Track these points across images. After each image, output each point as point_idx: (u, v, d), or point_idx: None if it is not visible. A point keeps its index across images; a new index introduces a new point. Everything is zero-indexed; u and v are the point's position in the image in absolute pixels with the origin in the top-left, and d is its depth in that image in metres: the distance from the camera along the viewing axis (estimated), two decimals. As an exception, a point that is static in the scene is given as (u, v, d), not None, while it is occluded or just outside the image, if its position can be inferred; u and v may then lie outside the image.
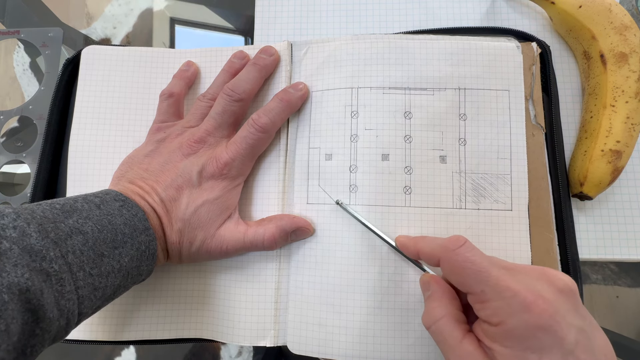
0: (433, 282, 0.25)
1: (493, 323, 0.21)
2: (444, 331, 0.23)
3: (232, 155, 0.29)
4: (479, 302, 0.22)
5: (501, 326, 0.21)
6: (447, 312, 0.23)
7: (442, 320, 0.23)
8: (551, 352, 0.20)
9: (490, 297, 0.21)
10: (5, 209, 0.21)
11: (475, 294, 0.22)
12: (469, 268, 0.22)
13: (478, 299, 0.22)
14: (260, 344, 0.30)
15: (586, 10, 0.34)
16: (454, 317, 0.23)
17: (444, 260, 0.24)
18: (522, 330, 0.20)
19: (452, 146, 0.31)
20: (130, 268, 0.26)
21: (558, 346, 0.20)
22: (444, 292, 0.25)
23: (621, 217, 0.34)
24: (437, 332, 0.23)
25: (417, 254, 0.27)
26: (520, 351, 0.20)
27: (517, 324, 0.20)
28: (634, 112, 0.32)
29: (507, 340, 0.21)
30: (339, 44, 0.33)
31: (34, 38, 0.44)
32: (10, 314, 0.18)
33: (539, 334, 0.20)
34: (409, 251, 0.27)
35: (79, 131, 0.35)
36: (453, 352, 0.22)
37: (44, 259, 0.21)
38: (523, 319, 0.20)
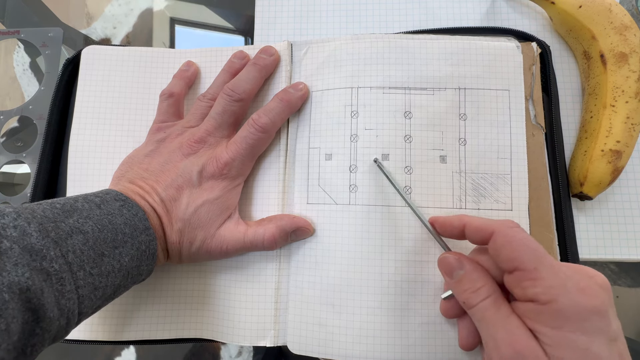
0: (467, 261, 0.25)
1: (541, 301, 0.21)
2: (489, 309, 0.23)
3: (232, 155, 0.29)
4: (529, 279, 0.21)
5: (551, 305, 0.21)
6: (494, 290, 0.23)
7: (490, 298, 0.23)
8: (600, 335, 0.20)
9: (544, 275, 0.21)
10: (6, 208, 0.21)
11: (527, 271, 0.22)
12: (526, 245, 0.22)
13: (529, 276, 0.21)
14: (260, 344, 0.30)
15: (586, 10, 0.34)
16: (500, 295, 0.23)
17: (499, 233, 0.23)
18: (575, 310, 0.20)
19: (452, 146, 0.31)
20: (131, 268, 0.26)
21: (605, 332, 0.20)
22: (484, 271, 0.24)
23: (621, 217, 0.34)
24: (482, 309, 0.23)
25: (462, 226, 0.25)
26: (570, 332, 0.20)
27: (570, 304, 0.20)
28: (634, 112, 0.32)
29: (556, 320, 0.21)
30: (339, 44, 0.33)
31: (34, 38, 0.44)
32: (10, 313, 0.18)
33: (592, 316, 0.20)
34: (452, 224, 0.26)
35: (79, 131, 0.35)
36: (501, 327, 0.22)
37: (45, 259, 0.21)
38: (577, 300, 0.20)
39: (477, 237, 0.24)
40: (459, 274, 0.25)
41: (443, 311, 0.28)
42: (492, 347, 0.22)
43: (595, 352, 0.20)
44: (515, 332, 0.21)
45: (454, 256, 0.25)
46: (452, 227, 0.26)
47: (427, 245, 0.29)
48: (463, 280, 0.24)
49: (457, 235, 0.26)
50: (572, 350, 0.20)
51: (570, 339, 0.20)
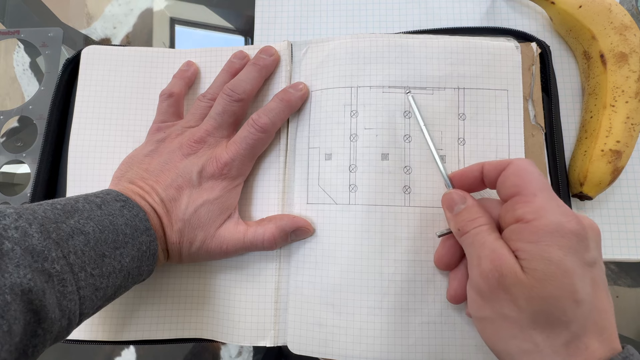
0: (469, 197, 0.26)
1: (526, 219, 0.22)
2: (481, 233, 0.24)
3: (232, 155, 0.29)
4: (523, 202, 0.23)
5: (534, 222, 0.22)
6: (490, 221, 0.25)
7: (484, 226, 0.24)
8: (575, 255, 0.21)
9: (539, 200, 0.22)
10: (7, 209, 0.21)
11: (526, 195, 0.23)
12: (534, 176, 0.23)
13: (525, 199, 0.23)
14: (260, 344, 0.30)
15: (586, 10, 0.34)
16: (495, 226, 0.25)
17: (514, 163, 0.24)
18: (555, 227, 0.21)
19: (451, 146, 0.31)
20: (131, 268, 0.26)
21: (581, 254, 0.21)
22: (482, 208, 0.25)
23: (621, 217, 0.34)
24: (473, 234, 0.24)
25: (480, 169, 0.26)
26: (546, 245, 0.21)
27: (551, 221, 0.21)
28: (634, 112, 0.32)
29: (535, 234, 0.22)
30: (339, 43, 0.33)
31: (34, 38, 0.44)
32: (12, 314, 0.19)
33: (570, 236, 0.21)
34: (472, 169, 0.27)
35: (79, 131, 0.35)
36: (487, 246, 0.23)
37: (46, 260, 0.21)
38: (559, 220, 0.21)
39: (494, 173, 0.25)
40: (460, 208, 0.26)
41: (436, 259, 0.28)
42: (475, 265, 0.24)
43: (567, 266, 0.21)
44: (498, 251, 0.23)
45: (458, 192, 0.27)
46: (471, 172, 0.27)
47: (427, 245, 0.29)
48: (462, 212, 0.26)
49: (476, 183, 0.27)
50: (545, 262, 0.21)
51: (546, 251, 0.21)
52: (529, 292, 0.21)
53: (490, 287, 0.22)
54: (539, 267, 0.21)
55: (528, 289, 0.21)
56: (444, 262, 0.28)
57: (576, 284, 0.21)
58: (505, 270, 0.22)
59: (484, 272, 0.23)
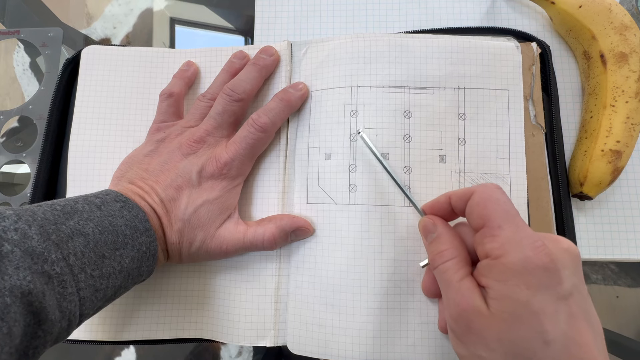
0: (440, 224, 0.26)
1: (494, 256, 0.22)
2: (449, 270, 0.24)
3: (231, 155, 0.29)
4: (490, 236, 0.22)
5: (501, 259, 0.21)
6: (457, 254, 0.24)
7: (452, 261, 0.24)
8: (544, 291, 0.20)
9: (505, 233, 0.22)
10: (6, 211, 0.21)
11: (491, 228, 0.22)
12: (498, 204, 0.23)
13: (491, 232, 0.22)
14: (260, 344, 0.30)
15: (586, 10, 0.34)
16: (463, 259, 0.24)
17: (477, 192, 0.24)
18: (522, 264, 0.21)
19: (451, 146, 0.31)
20: (131, 269, 0.26)
21: (553, 289, 0.20)
22: (453, 235, 0.25)
23: (621, 217, 0.34)
24: (442, 271, 0.24)
25: (448, 199, 0.26)
26: (514, 285, 0.21)
27: (518, 258, 0.21)
28: (634, 112, 0.32)
29: (503, 274, 0.21)
30: (339, 43, 0.33)
31: (34, 38, 0.44)
32: (12, 316, 0.19)
33: (537, 271, 0.20)
34: (439, 201, 0.27)
35: (79, 131, 0.35)
36: (453, 288, 0.23)
37: (46, 261, 0.21)
38: (526, 255, 0.21)
39: (461, 204, 0.25)
40: (432, 237, 0.26)
41: (424, 288, 0.28)
42: (445, 305, 0.24)
43: (535, 306, 0.20)
44: (465, 293, 0.22)
45: (430, 220, 0.26)
46: (440, 204, 0.27)
47: (426, 245, 0.29)
48: (433, 243, 0.25)
49: (447, 212, 0.27)
50: (512, 302, 0.20)
51: (513, 291, 0.21)
52: (498, 334, 0.21)
53: (462, 329, 0.22)
54: (507, 309, 0.21)
55: (497, 331, 0.21)
56: (431, 291, 0.28)
57: (545, 324, 0.20)
58: (471, 314, 0.21)
59: (453, 314, 0.23)
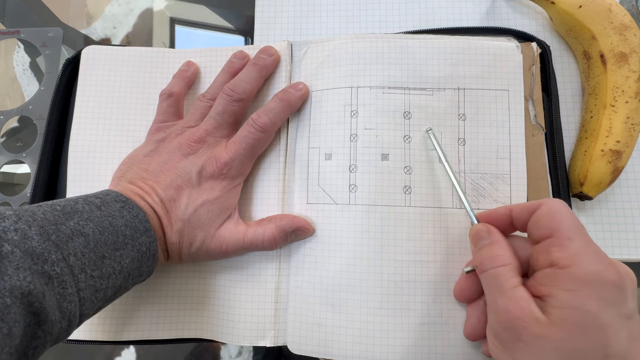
0: (495, 231, 0.25)
1: (561, 265, 0.21)
2: (501, 275, 0.23)
3: (231, 155, 0.29)
4: (559, 246, 0.22)
5: (570, 269, 0.21)
6: (512, 261, 0.24)
7: (506, 267, 0.23)
8: (612, 307, 0.20)
9: (575, 245, 0.21)
10: (6, 211, 0.21)
11: (561, 239, 0.22)
12: (569, 218, 0.22)
13: (560, 242, 0.22)
14: (260, 344, 0.30)
15: (586, 10, 0.34)
16: (516, 267, 0.24)
17: (547, 204, 0.23)
18: (593, 277, 0.20)
19: (451, 146, 0.31)
20: (131, 269, 0.26)
21: (619, 306, 0.20)
22: (507, 244, 0.25)
23: (621, 217, 0.34)
24: (493, 276, 0.23)
25: (509, 211, 0.26)
26: (584, 296, 0.20)
27: (590, 270, 0.20)
28: (634, 112, 0.32)
29: (572, 283, 0.21)
30: (339, 44, 0.33)
31: (34, 38, 0.44)
32: (12, 317, 0.19)
33: (608, 286, 0.20)
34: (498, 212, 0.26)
35: (79, 131, 0.35)
36: (505, 294, 0.22)
37: (46, 262, 0.21)
38: (597, 269, 0.20)
39: (524, 215, 0.25)
40: (483, 242, 0.25)
41: (457, 291, 0.28)
42: (492, 311, 0.23)
43: (603, 320, 0.20)
44: (518, 301, 0.22)
45: (484, 226, 0.26)
46: (498, 215, 0.26)
47: (427, 245, 0.29)
48: (486, 248, 0.25)
49: (504, 224, 0.26)
50: (580, 313, 0.20)
51: (582, 302, 0.20)
52: (556, 344, 0.20)
53: (511, 337, 0.22)
54: (572, 318, 0.20)
55: (556, 340, 0.20)
56: (465, 295, 0.27)
57: (610, 338, 0.20)
58: (526, 322, 0.21)
59: (502, 321, 0.22)
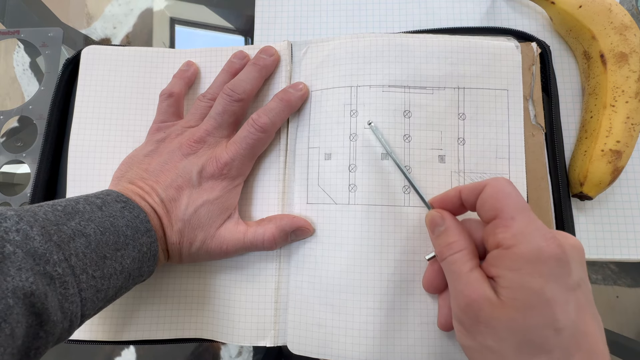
0: (448, 217, 0.26)
1: (505, 245, 0.22)
2: (457, 261, 0.24)
3: (232, 155, 0.29)
4: (502, 227, 0.22)
5: (514, 248, 0.22)
6: (466, 245, 0.24)
7: (461, 252, 0.24)
8: (556, 281, 0.21)
9: (518, 224, 0.22)
10: (7, 212, 0.21)
11: (504, 219, 0.23)
12: (512, 197, 0.23)
13: (504, 223, 0.22)
14: (260, 344, 0.30)
15: (586, 10, 0.34)
16: (472, 251, 0.24)
17: (490, 185, 0.24)
18: (535, 254, 0.21)
19: (451, 146, 0.31)
20: (132, 269, 0.26)
21: (563, 279, 0.21)
22: (461, 228, 0.25)
23: (621, 217, 0.34)
24: (451, 262, 0.24)
25: (458, 193, 0.26)
26: (527, 274, 0.21)
27: (531, 248, 0.21)
28: (634, 112, 0.32)
29: (516, 262, 0.21)
30: (339, 43, 0.33)
31: (34, 38, 0.44)
32: (15, 317, 0.19)
33: (550, 261, 0.21)
34: (449, 195, 0.27)
35: (79, 131, 0.35)
36: (462, 279, 0.23)
37: (48, 262, 0.21)
38: (539, 245, 0.21)
39: (472, 197, 0.25)
40: (439, 230, 0.26)
41: (425, 283, 0.28)
42: (453, 297, 0.24)
43: (548, 295, 0.21)
44: (473, 284, 0.22)
45: (438, 213, 0.26)
46: (449, 197, 0.27)
47: (426, 245, 0.29)
48: (441, 235, 0.25)
49: (456, 206, 0.27)
50: (525, 291, 0.21)
51: (526, 280, 0.21)
52: (508, 323, 0.21)
53: (470, 320, 0.22)
54: (519, 297, 0.21)
55: (508, 320, 0.21)
56: (433, 286, 0.28)
57: (557, 312, 0.20)
58: (481, 304, 0.22)
59: (461, 305, 0.23)
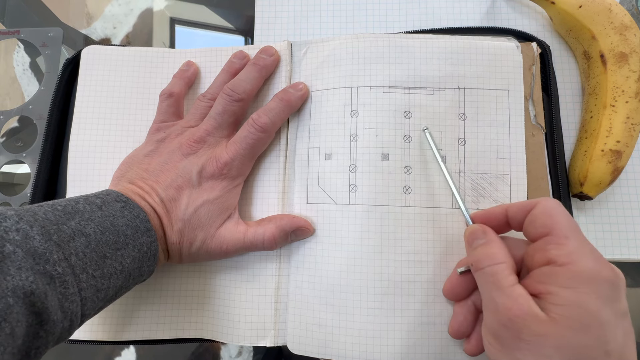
0: (490, 232, 0.26)
1: (559, 262, 0.21)
2: (498, 273, 0.23)
3: (232, 155, 0.29)
4: (556, 244, 0.22)
5: (569, 266, 0.21)
6: (509, 259, 0.24)
7: (503, 265, 0.23)
8: (610, 305, 0.21)
9: (572, 243, 0.22)
10: (7, 211, 0.21)
11: (558, 237, 0.22)
12: (565, 217, 0.23)
13: (557, 240, 0.22)
14: (260, 344, 0.30)
15: (586, 10, 0.34)
16: (512, 266, 0.24)
17: (542, 203, 0.24)
18: (593, 274, 0.21)
19: (451, 146, 0.31)
20: (132, 269, 0.26)
21: (616, 304, 0.21)
22: (502, 243, 0.25)
23: (621, 217, 0.34)
24: (490, 274, 0.23)
25: (504, 211, 0.26)
26: (584, 293, 0.20)
27: (589, 268, 0.21)
28: (634, 112, 0.32)
29: (571, 280, 0.21)
30: (339, 43, 0.33)
31: (34, 38, 0.44)
32: (15, 317, 0.19)
33: (606, 284, 0.21)
34: (494, 212, 0.26)
35: (79, 131, 0.35)
36: (504, 292, 0.22)
37: (48, 262, 0.21)
38: (595, 267, 0.21)
39: (520, 215, 0.25)
40: (479, 243, 0.25)
41: (447, 289, 0.28)
42: (491, 310, 0.23)
43: (603, 317, 0.20)
44: (517, 299, 0.22)
45: (481, 227, 0.26)
46: (494, 214, 0.26)
47: (427, 245, 0.29)
48: (482, 247, 0.25)
49: (499, 224, 0.26)
50: (582, 310, 0.20)
51: (583, 299, 0.20)
52: (558, 341, 0.20)
53: (511, 336, 0.22)
54: (574, 316, 0.20)
55: (557, 337, 0.20)
56: (454, 293, 0.27)
57: (609, 335, 0.20)
58: (526, 320, 0.21)
59: (502, 320, 0.22)
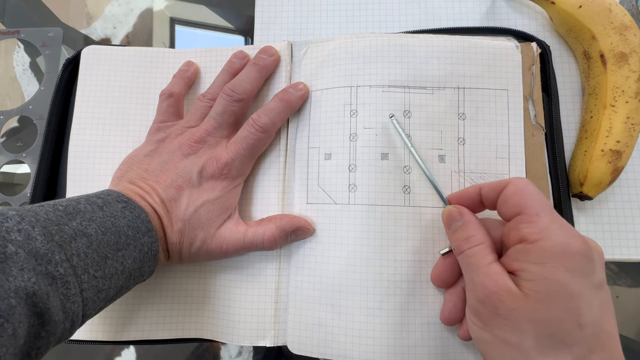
0: (466, 212, 0.26)
1: (531, 240, 0.22)
2: (477, 254, 0.24)
3: (232, 155, 0.29)
4: (527, 222, 0.22)
5: (539, 242, 0.21)
6: (485, 239, 0.24)
7: (481, 245, 0.24)
8: (582, 276, 0.21)
9: (543, 220, 0.22)
10: (9, 211, 0.21)
11: (529, 215, 0.22)
12: (536, 195, 0.23)
13: (528, 219, 0.22)
14: (260, 344, 0.30)
15: (586, 10, 0.34)
16: (490, 245, 0.24)
17: (513, 183, 0.24)
18: (562, 248, 0.21)
19: (451, 146, 0.31)
20: (133, 269, 0.26)
21: (589, 275, 0.21)
22: (480, 224, 0.25)
23: (621, 217, 0.34)
24: (469, 255, 0.24)
25: (478, 191, 0.26)
26: (553, 267, 0.21)
27: (558, 242, 0.21)
28: (634, 112, 0.32)
29: (541, 256, 0.21)
30: (338, 43, 0.33)
31: (34, 38, 0.44)
32: (17, 318, 0.19)
33: (576, 257, 0.21)
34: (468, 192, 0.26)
35: (79, 131, 0.35)
36: (481, 271, 0.23)
37: (50, 263, 0.21)
38: (565, 241, 0.21)
39: (493, 194, 0.25)
40: (457, 225, 0.26)
41: (434, 276, 0.28)
42: (470, 289, 0.24)
43: (573, 288, 0.20)
44: (493, 276, 0.22)
45: (455, 208, 0.26)
46: (468, 194, 0.27)
47: (427, 245, 0.29)
48: (460, 229, 0.25)
49: (474, 203, 0.27)
50: (550, 283, 0.21)
51: (552, 273, 0.21)
52: (530, 315, 0.21)
53: (489, 312, 0.22)
54: (543, 289, 0.21)
55: (530, 311, 0.21)
56: (442, 279, 0.28)
57: (581, 307, 0.20)
58: (502, 296, 0.21)
59: (479, 297, 0.23)
